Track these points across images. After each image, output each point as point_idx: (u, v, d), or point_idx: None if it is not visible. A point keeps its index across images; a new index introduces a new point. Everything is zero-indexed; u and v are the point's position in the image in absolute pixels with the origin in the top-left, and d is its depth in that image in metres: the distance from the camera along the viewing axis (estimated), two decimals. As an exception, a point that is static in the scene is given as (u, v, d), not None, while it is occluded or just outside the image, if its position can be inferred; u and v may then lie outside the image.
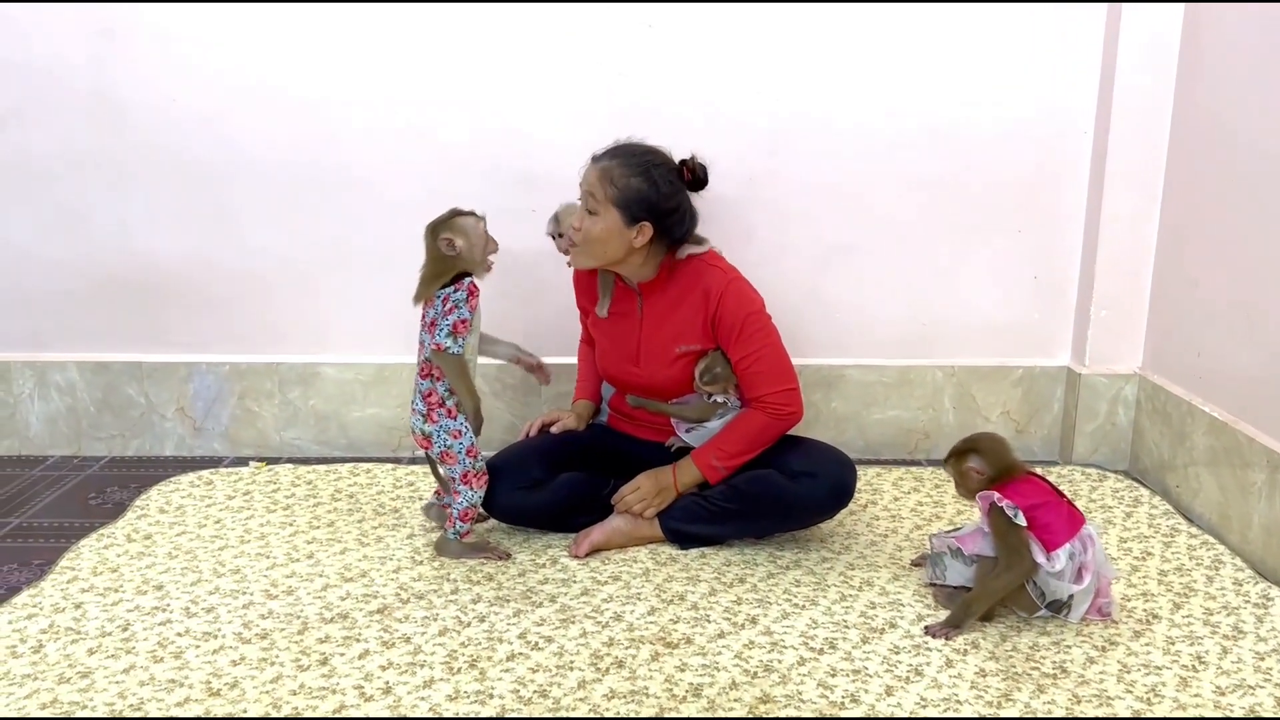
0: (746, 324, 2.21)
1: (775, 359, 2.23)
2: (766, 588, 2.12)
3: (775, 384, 2.21)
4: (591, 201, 2.18)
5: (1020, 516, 1.88)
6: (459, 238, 2.13)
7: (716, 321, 2.22)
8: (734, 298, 2.22)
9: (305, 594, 2.08)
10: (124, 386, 2.89)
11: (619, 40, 2.69)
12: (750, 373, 2.22)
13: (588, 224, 2.19)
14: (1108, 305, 2.80)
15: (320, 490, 2.63)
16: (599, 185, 2.17)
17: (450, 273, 2.14)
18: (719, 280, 2.23)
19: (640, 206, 2.16)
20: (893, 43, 2.71)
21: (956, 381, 2.90)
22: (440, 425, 2.18)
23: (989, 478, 1.96)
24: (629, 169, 2.16)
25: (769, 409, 2.21)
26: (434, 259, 2.16)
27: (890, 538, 2.37)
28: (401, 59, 2.71)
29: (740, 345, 2.21)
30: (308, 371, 2.88)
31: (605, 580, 2.14)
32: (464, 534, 2.22)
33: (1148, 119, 2.69)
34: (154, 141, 2.75)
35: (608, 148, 2.22)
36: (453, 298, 2.12)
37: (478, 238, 2.16)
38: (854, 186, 2.78)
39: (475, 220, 2.17)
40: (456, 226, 2.14)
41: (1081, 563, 1.92)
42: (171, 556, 2.26)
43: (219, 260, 2.83)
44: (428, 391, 2.18)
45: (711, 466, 2.23)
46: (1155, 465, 2.72)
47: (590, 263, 2.25)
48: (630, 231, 2.18)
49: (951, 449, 2.02)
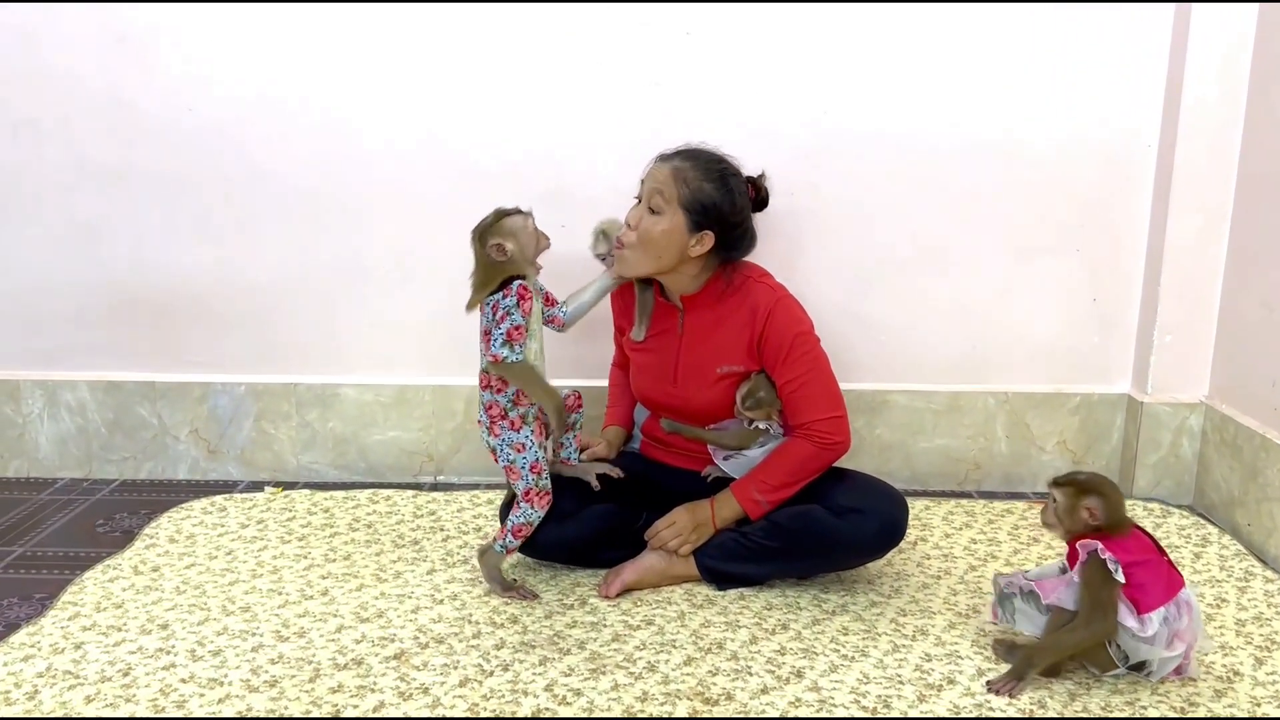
0: (795, 345, 2.07)
1: (823, 384, 2.09)
2: (812, 635, 1.97)
3: (822, 410, 2.07)
4: (658, 200, 2.04)
5: (1120, 573, 1.70)
6: (508, 241, 2.00)
7: (763, 340, 2.08)
8: (783, 316, 2.08)
9: (318, 636, 1.95)
10: (136, 407, 2.78)
11: (654, 48, 2.56)
12: (796, 397, 2.08)
13: (648, 223, 2.05)
14: (1172, 330, 2.63)
15: (337, 519, 2.50)
16: (670, 184, 2.03)
17: (499, 278, 2.01)
18: (767, 297, 2.10)
19: (708, 214, 2.04)
20: (943, 49, 2.56)
21: (1009, 409, 2.74)
22: (503, 438, 2.05)
23: (1097, 526, 1.76)
24: (704, 173, 2.04)
25: (815, 437, 2.06)
26: (482, 265, 2.03)
27: (944, 579, 2.21)
28: (425, 68, 2.59)
29: (787, 367, 2.07)
30: (326, 392, 2.76)
31: (638, 625, 2.00)
32: (510, 549, 2.08)
33: (1217, 131, 2.52)
34: (171, 153, 2.65)
35: (679, 148, 2.10)
36: (502, 305, 1.99)
37: (527, 237, 2.03)
38: (902, 201, 2.63)
39: (523, 219, 2.04)
40: (505, 229, 2.01)
41: (1176, 630, 1.73)
42: (179, 591, 2.13)
43: (236, 276, 2.71)
44: (489, 404, 2.06)
45: (753, 500, 2.09)
46: (1224, 501, 2.55)
47: (639, 267, 2.09)
48: (691, 238, 2.05)
49: (1070, 477, 1.80)
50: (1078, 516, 1.77)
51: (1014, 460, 2.76)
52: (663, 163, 2.07)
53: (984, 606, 2.09)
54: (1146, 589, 1.72)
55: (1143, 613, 1.71)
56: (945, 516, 2.55)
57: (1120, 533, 1.76)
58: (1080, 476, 1.80)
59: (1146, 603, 1.72)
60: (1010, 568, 2.27)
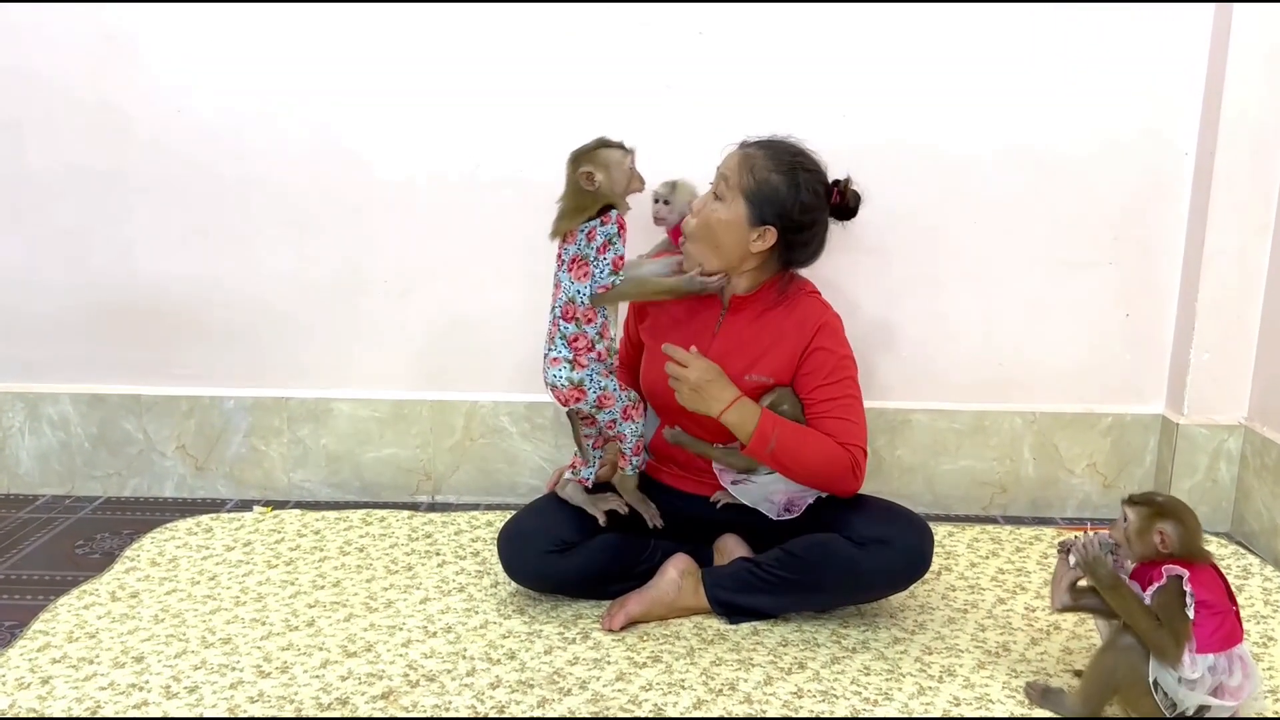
0: (839, 368, 1.96)
1: (858, 415, 1.96)
2: (831, 676, 1.83)
3: (856, 439, 1.93)
4: (722, 186, 1.94)
5: (1193, 610, 1.57)
6: (599, 171, 1.91)
7: (809, 353, 1.96)
8: (833, 335, 1.98)
9: (301, 671, 1.82)
10: (121, 421, 2.66)
11: (665, 49, 2.44)
12: (829, 418, 1.93)
13: (710, 208, 1.95)
14: (1209, 348, 2.49)
15: (328, 541, 2.38)
16: (736, 171, 1.93)
17: (594, 206, 1.92)
18: (820, 310, 2.00)
19: (771, 208, 1.92)
20: (969, 51, 2.43)
21: (1037, 429, 2.60)
22: (590, 369, 1.96)
23: (1168, 554, 1.62)
24: (773, 163, 1.93)
25: (848, 455, 1.91)
26: (573, 191, 1.95)
27: (970, 614, 2.08)
28: (426, 72, 2.47)
29: (826, 388, 1.95)
30: (320, 407, 2.63)
31: (644, 662, 1.86)
32: (641, 466, 2.06)
33: (1258, 138, 2.39)
34: (160, 156, 2.53)
35: (761, 138, 1.98)
36: (601, 232, 1.91)
37: (620, 173, 1.94)
38: (926, 211, 2.50)
39: (621, 154, 1.95)
40: (599, 159, 1.92)
41: (1222, 683, 1.59)
42: (157, 620, 2.01)
43: (227, 285, 2.59)
44: (573, 336, 1.95)
45: (766, 439, 1.88)
46: (1265, 529, 2.41)
47: (704, 257, 1.98)
48: (752, 232, 1.93)
49: (1148, 497, 1.66)
50: (1148, 540, 1.62)
51: (1042, 484, 2.62)
52: (739, 149, 1.98)
53: (1014, 644, 1.95)
54: (1203, 633, 1.58)
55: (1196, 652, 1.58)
56: (970, 544, 2.42)
57: (1195, 561, 1.61)
58: (1158, 498, 1.65)
59: (1198, 646, 1.58)
60: (1041, 600, 2.13)
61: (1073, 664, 1.89)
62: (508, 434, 2.63)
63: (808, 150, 1.99)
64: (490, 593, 2.13)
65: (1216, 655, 1.58)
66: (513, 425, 2.63)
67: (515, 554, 2.00)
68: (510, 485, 2.66)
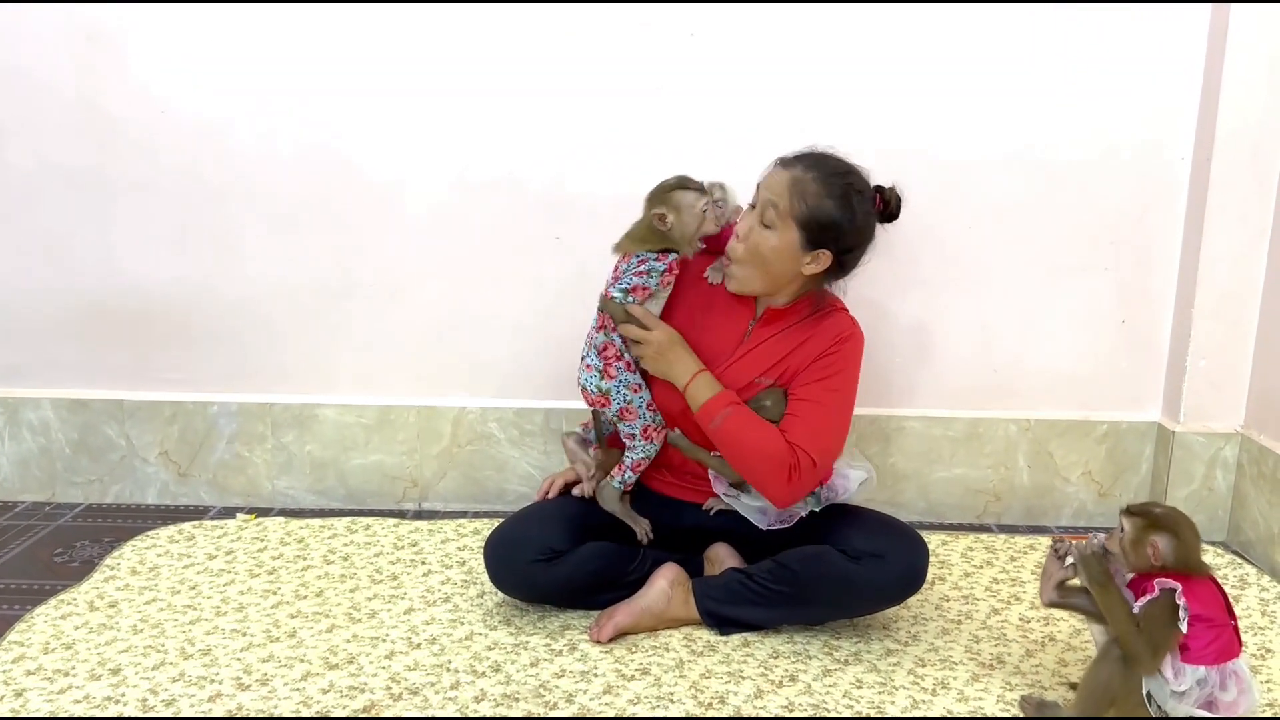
0: (836, 378, 1.91)
1: (827, 426, 1.90)
2: (823, 689, 1.79)
3: (812, 445, 1.85)
4: (771, 213, 1.85)
5: (1186, 624, 1.54)
6: (671, 213, 1.91)
7: (817, 360, 1.91)
8: (851, 350, 1.94)
9: (281, 684, 1.78)
10: (103, 427, 2.61)
11: (656, 50, 2.40)
12: (799, 411, 1.88)
13: (758, 236, 1.87)
14: (1206, 354, 2.46)
15: (311, 550, 2.33)
16: (787, 196, 1.84)
17: (657, 245, 1.93)
18: (845, 326, 1.95)
19: (827, 233, 1.85)
20: (966, 54, 2.40)
21: (1032, 437, 2.57)
22: (619, 380, 1.95)
23: (1162, 567, 1.58)
24: (826, 187, 1.84)
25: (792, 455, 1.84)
26: (645, 224, 1.95)
27: (965, 624, 2.04)
28: (416, 70, 2.43)
29: (812, 388, 1.90)
30: (304, 413, 2.59)
31: (632, 675, 1.82)
32: (629, 485, 2.02)
33: (1256, 141, 2.35)
34: (144, 157, 2.49)
35: (802, 153, 1.89)
36: (650, 263, 1.92)
37: (692, 217, 1.92)
38: (920, 216, 2.43)
39: (696, 197, 1.91)
40: (673, 201, 1.91)
41: (1213, 697, 1.55)
42: (136, 631, 1.96)
43: (211, 288, 2.55)
44: (604, 345, 1.95)
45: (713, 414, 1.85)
46: (1261, 538, 2.38)
47: (749, 284, 1.92)
48: (805, 256, 1.87)
49: (1145, 508, 1.62)
50: (1142, 552, 1.59)
51: (1036, 492, 2.59)
52: (783, 169, 1.87)
53: (1009, 656, 1.92)
54: (1202, 651, 1.54)
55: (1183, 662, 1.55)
56: (964, 553, 2.38)
57: (1190, 574, 1.58)
58: (1156, 510, 1.61)
59: (1191, 657, 1.55)
60: (1036, 611, 2.10)
61: (1068, 676, 1.85)
62: (496, 440, 2.60)
63: (854, 165, 1.90)
64: (476, 603, 2.09)
65: (1208, 669, 1.54)
66: (501, 431, 2.59)
67: (502, 563, 1.96)
68: (498, 492, 2.62)
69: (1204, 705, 1.55)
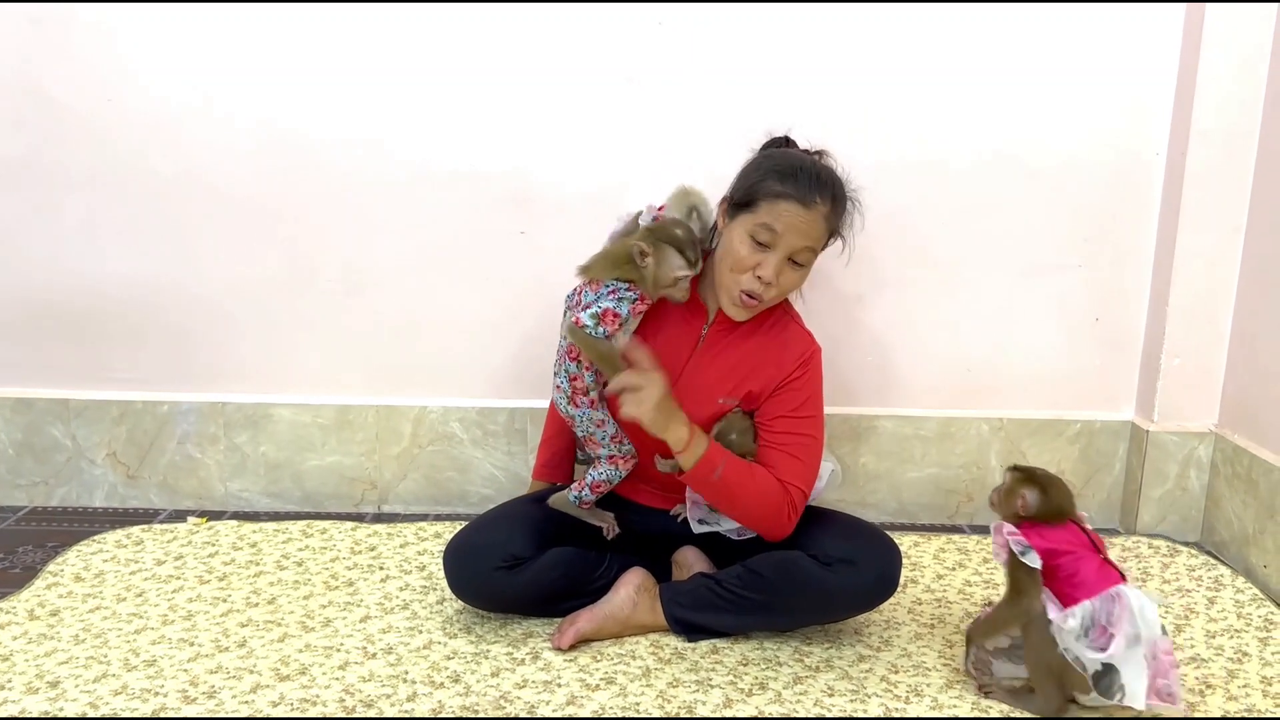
0: (807, 404, 1.87)
1: (809, 456, 1.87)
2: (794, 697, 1.74)
3: (801, 479, 1.84)
4: (808, 255, 1.80)
5: (1031, 557, 1.63)
6: (653, 259, 1.80)
7: (786, 383, 1.87)
8: (815, 371, 1.90)
9: (229, 696, 1.70)
10: (48, 427, 2.51)
11: (624, 40, 2.34)
12: (782, 452, 1.85)
13: (787, 279, 1.81)
14: (1180, 353, 2.43)
15: (264, 555, 2.25)
16: (821, 240, 1.83)
17: (627, 276, 1.83)
18: (809, 343, 1.91)
19: (833, 235, 1.87)
20: (939, 52, 2.35)
21: (1005, 436, 2.53)
22: (582, 411, 1.90)
23: (1029, 518, 1.69)
24: (842, 206, 1.84)
25: (787, 495, 1.83)
26: (621, 252, 1.83)
27: (938, 629, 2.00)
28: (376, 58, 2.35)
29: (788, 420, 1.86)
30: (258, 413, 2.50)
31: (596, 684, 1.76)
32: (585, 502, 1.94)
33: (1231, 139, 2.32)
34: (91, 147, 2.39)
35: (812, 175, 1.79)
36: (621, 293, 1.82)
37: (665, 276, 1.81)
38: (892, 213, 2.41)
39: (681, 265, 1.80)
40: (662, 253, 1.80)
41: (1106, 625, 1.61)
42: (78, 641, 1.88)
43: (161, 284, 2.46)
44: (573, 375, 1.88)
45: (712, 468, 1.77)
46: (1235, 539, 2.35)
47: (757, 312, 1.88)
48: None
49: (1030, 468, 1.74)
50: (1011, 502, 1.71)
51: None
52: (804, 210, 1.77)
53: (984, 662, 1.87)
54: (1074, 581, 1.64)
55: (1068, 606, 1.63)
56: (936, 554, 2.34)
57: (1050, 522, 1.70)
58: (1036, 471, 1.74)
59: (1074, 596, 1.64)
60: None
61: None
62: (458, 441, 2.52)
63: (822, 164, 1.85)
64: (436, 610, 2.01)
65: (1090, 600, 1.62)
66: (464, 431, 2.52)
67: (461, 571, 1.88)
68: (460, 494, 2.55)
69: (1100, 639, 1.61)
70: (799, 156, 1.85)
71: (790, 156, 1.84)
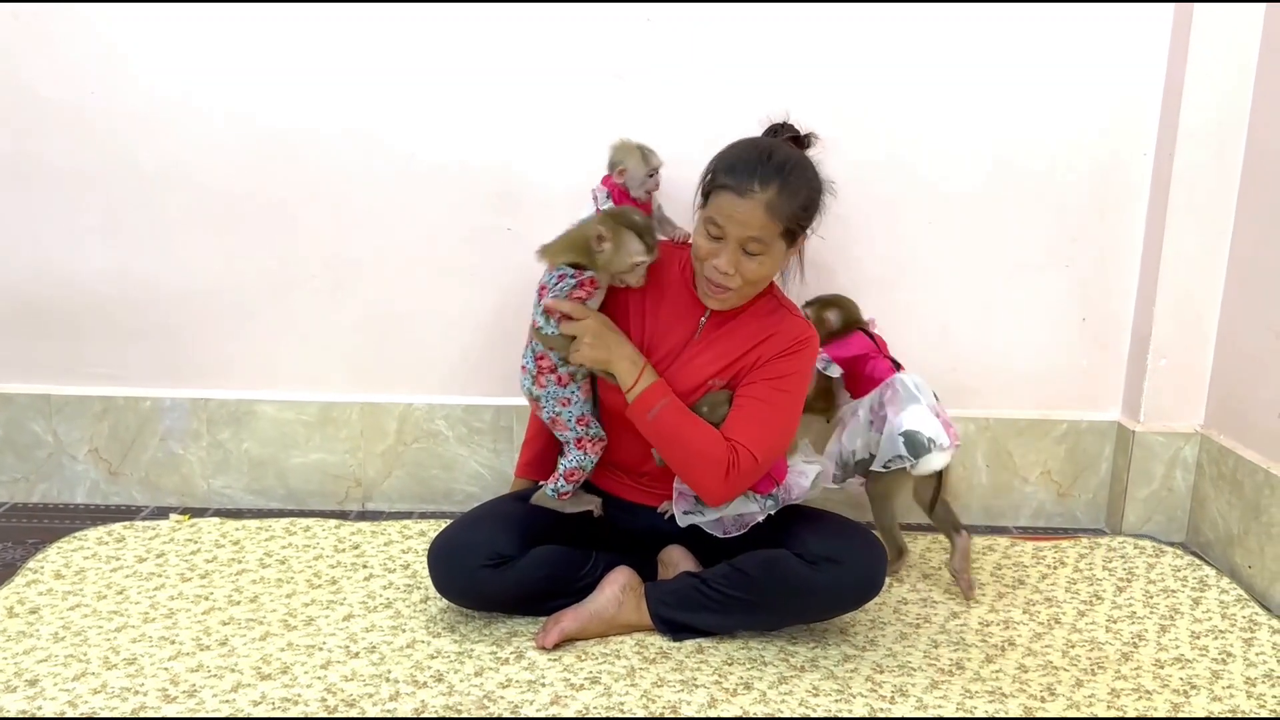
0: (785, 380, 1.84)
1: (776, 427, 1.84)
2: (779, 697, 1.73)
3: (754, 444, 1.79)
4: (756, 245, 1.76)
5: (832, 368, 2.16)
6: (611, 245, 1.82)
7: (769, 360, 1.85)
8: (805, 358, 1.88)
9: (210, 695, 1.69)
10: (29, 422, 2.49)
11: (613, 37, 2.32)
12: (745, 413, 1.82)
13: (747, 268, 1.78)
14: (1167, 353, 2.43)
15: (247, 552, 2.23)
16: (767, 225, 1.75)
17: (577, 258, 1.85)
18: (801, 329, 1.89)
19: (802, 222, 1.81)
20: (927, 50, 2.34)
21: (991, 436, 2.52)
22: (548, 390, 1.90)
23: (835, 332, 2.18)
24: (793, 192, 1.76)
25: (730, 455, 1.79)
26: (580, 237, 1.86)
27: (923, 629, 1.99)
28: (363, 56, 2.33)
29: (759, 387, 1.83)
30: (241, 409, 2.49)
31: (581, 684, 1.75)
32: (563, 493, 1.94)
33: (1219, 138, 2.33)
34: (74, 144, 2.37)
35: (742, 167, 1.76)
36: (566, 279, 1.84)
37: (623, 262, 1.84)
38: (878, 211, 2.42)
39: (640, 249, 1.83)
40: (621, 238, 1.83)
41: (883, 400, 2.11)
42: (57, 639, 1.86)
43: (144, 278, 2.44)
44: (540, 354, 1.89)
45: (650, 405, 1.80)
46: (1220, 539, 2.36)
47: (741, 303, 1.87)
48: (788, 251, 1.83)
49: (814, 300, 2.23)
50: (823, 329, 2.14)
51: (995, 492, 2.55)
52: (740, 199, 1.74)
53: (969, 662, 1.87)
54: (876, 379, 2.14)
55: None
56: (922, 554, 2.33)
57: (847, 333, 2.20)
58: (827, 296, 2.24)
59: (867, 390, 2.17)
60: (996, 614, 2.06)
61: (1028, 683, 1.81)
62: (443, 438, 2.51)
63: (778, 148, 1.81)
64: (419, 609, 2.00)
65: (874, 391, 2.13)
66: (449, 429, 2.50)
67: (446, 570, 1.87)
68: (446, 492, 2.53)
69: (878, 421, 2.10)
70: (749, 145, 1.82)
71: (739, 146, 1.83)
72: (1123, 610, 2.09)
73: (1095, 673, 1.85)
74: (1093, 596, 2.15)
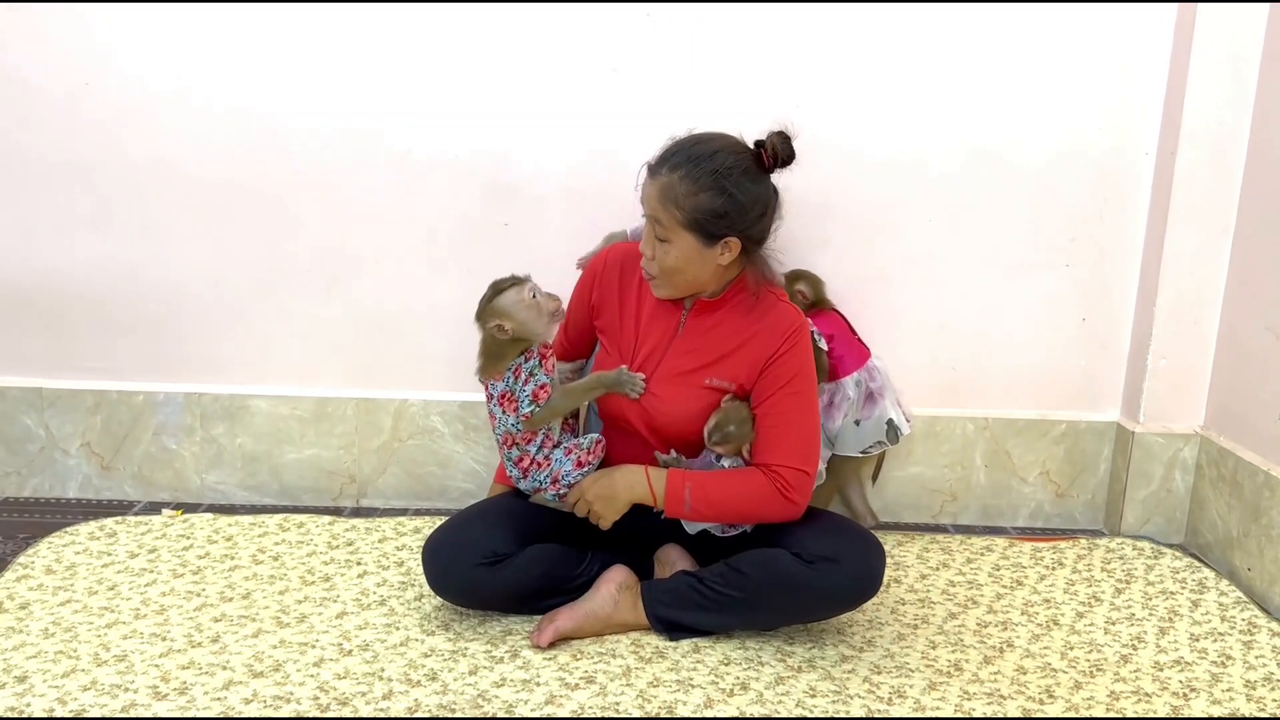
0: (797, 379, 1.84)
1: (808, 432, 1.85)
2: (775, 698, 1.72)
3: (794, 458, 1.82)
4: (659, 228, 1.77)
5: (825, 342, 2.20)
6: (507, 321, 1.83)
7: (775, 361, 1.84)
8: (804, 346, 1.87)
9: (201, 693, 1.67)
10: (21, 416, 2.47)
11: (611, 30, 2.31)
12: (775, 433, 1.83)
13: (660, 253, 1.79)
14: (1167, 354, 2.42)
15: (240, 549, 2.22)
16: (662, 209, 1.75)
17: (513, 352, 1.87)
18: (792, 319, 1.87)
19: (720, 223, 1.76)
20: (927, 49, 2.33)
21: (990, 435, 2.51)
22: (534, 479, 1.93)
23: (809, 304, 2.27)
24: (695, 183, 1.74)
25: (778, 481, 1.81)
26: (490, 343, 1.88)
27: (921, 629, 1.98)
28: (355, 50, 2.31)
29: (780, 399, 1.83)
30: (235, 404, 2.47)
31: (576, 683, 1.74)
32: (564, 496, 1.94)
33: (1220, 139, 2.32)
34: (66, 136, 2.35)
35: (665, 152, 1.79)
36: (525, 367, 1.88)
37: (527, 312, 1.84)
38: (878, 211, 2.40)
39: (517, 293, 1.84)
40: (500, 309, 1.84)
41: (871, 389, 2.25)
42: (47, 635, 1.84)
43: (137, 272, 2.42)
44: (519, 457, 1.92)
45: (681, 500, 1.82)
46: (1219, 541, 2.35)
47: (676, 292, 1.86)
48: (713, 251, 1.79)
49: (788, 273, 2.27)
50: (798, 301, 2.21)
51: (993, 492, 2.53)
52: (651, 179, 1.78)
53: (967, 663, 1.86)
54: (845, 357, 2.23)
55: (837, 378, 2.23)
56: (920, 554, 2.32)
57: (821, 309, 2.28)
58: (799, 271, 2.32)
59: (842, 369, 2.23)
60: (994, 615, 2.04)
61: (1026, 685, 1.80)
62: (439, 435, 2.49)
63: (718, 140, 1.79)
64: (413, 606, 1.99)
65: (858, 372, 2.23)
66: (445, 425, 2.48)
67: (441, 568, 1.85)
68: (441, 489, 2.52)
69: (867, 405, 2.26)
70: (687, 135, 1.82)
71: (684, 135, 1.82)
72: (1121, 612, 2.08)
73: (1094, 675, 1.84)
74: (1091, 598, 2.13)
